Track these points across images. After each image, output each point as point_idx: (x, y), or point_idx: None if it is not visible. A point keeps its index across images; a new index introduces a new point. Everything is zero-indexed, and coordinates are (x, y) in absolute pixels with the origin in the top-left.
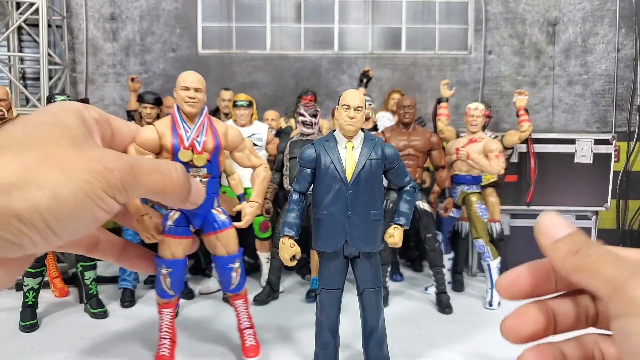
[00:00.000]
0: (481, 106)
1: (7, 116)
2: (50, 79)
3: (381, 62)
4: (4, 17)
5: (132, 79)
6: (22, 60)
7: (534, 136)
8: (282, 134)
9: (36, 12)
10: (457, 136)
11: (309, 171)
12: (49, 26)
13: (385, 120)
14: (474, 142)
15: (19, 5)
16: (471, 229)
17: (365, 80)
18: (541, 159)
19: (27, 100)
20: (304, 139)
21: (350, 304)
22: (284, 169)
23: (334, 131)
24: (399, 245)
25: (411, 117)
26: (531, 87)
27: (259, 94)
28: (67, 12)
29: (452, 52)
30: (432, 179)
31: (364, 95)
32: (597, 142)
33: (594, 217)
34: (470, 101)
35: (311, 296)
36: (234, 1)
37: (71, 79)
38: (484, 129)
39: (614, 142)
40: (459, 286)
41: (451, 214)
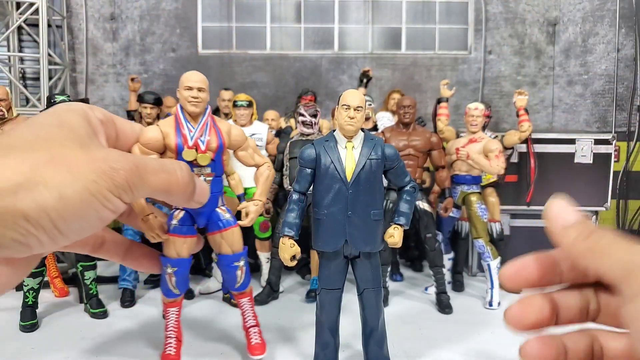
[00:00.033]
0: (481, 106)
1: (7, 116)
2: (50, 79)
3: (381, 62)
4: (4, 17)
5: (132, 79)
6: (22, 60)
7: (534, 136)
8: (282, 134)
9: (36, 12)
10: (457, 136)
11: (309, 171)
12: (49, 26)
13: (385, 120)
14: (474, 142)
15: (19, 5)
16: (471, 229)
17: (365, 80)
18: (541, 159)
19: (27, 100)
20: (304, 139)
21: (350, 304)
22: (284, 169)
23: (334, 131)
24: (399, 245)
25: (411, 117)
26: (531, 87)
27: (259, 94)
28: (67, 12)
29: (452, 52)
30: (432, 179)
31: (364, 95)
32: (597, 142)
33: (594, 217)
34: (470, 101)
35: (311, 296)
36: (234, 1)
37: (71, 79)
38: (484, 129)
39: (614, 142)
40: (459, 286)
41: (451, 214)
